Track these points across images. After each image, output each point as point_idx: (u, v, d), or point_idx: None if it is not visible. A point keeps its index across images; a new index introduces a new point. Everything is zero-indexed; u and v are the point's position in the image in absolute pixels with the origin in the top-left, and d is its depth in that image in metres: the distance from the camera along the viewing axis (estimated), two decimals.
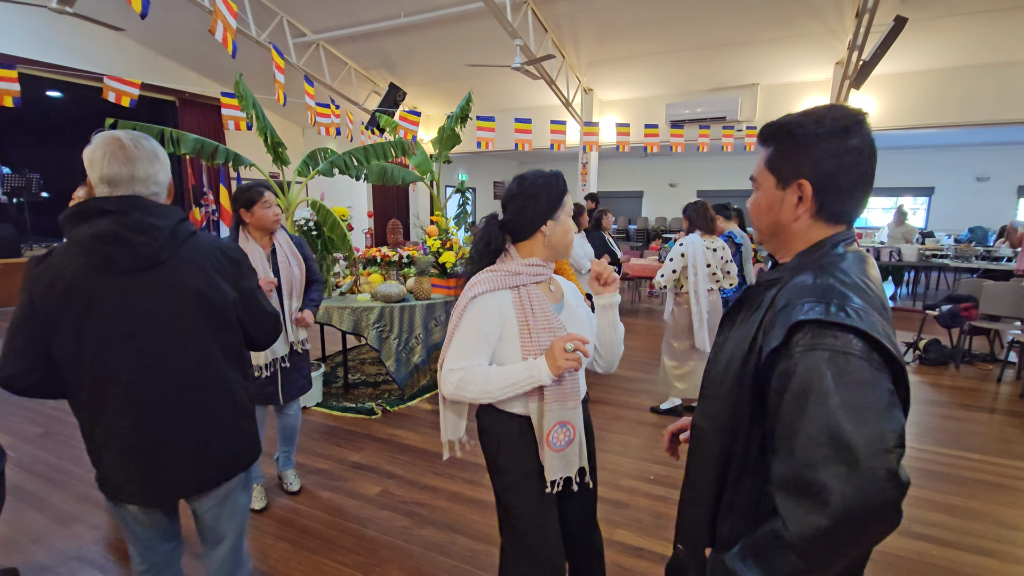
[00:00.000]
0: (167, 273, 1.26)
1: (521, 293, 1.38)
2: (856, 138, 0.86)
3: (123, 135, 1.25)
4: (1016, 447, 3.35)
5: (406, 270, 4.55)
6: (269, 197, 2.43)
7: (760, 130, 0.97)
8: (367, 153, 4.57)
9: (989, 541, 2.41)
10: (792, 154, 0.90)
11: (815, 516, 0.71)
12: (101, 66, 7.45)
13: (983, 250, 8.10)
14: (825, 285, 0.82)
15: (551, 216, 1.40)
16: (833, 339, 0.76)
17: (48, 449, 3.27)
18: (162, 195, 1.32)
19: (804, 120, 0.89)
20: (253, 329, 1.45)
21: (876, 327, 0.76)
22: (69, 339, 1.22)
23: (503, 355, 1.39)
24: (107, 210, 1.20)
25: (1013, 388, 4.46)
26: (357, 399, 4.10)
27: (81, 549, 2.33)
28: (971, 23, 5.82)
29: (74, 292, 1.20)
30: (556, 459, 1.40)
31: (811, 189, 0.89)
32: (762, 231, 0.99)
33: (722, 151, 7.89)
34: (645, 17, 6.38)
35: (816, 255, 0.90)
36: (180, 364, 1.29)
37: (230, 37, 4.86)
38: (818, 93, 7.30)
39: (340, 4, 6.86)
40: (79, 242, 1.20)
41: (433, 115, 9.96)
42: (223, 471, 1.42)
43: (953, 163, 12.00)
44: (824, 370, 0.74)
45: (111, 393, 1.25)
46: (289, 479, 2.83)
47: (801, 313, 0.79)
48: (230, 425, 1.41)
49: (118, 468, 1.30)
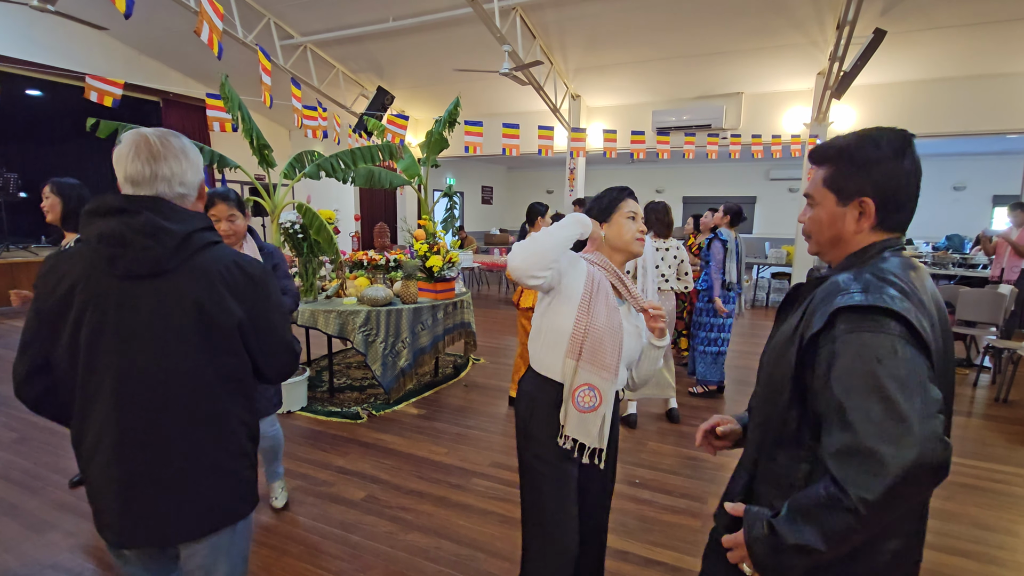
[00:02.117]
0: (172, 283, 1.14)
1: (595, 268, 1.56)
2: (909, 159, 0.97)
3: (151, 132, 1.17)
4: (992, 450, 3.43)
5: (393, 274, 4.54)
6: (218, 210, 2.19)
7: (814, 150, 1.06)
8: (354, 156, 4.56)
9: (966, 542, 2.46)
10: (853, 175, 0.99)
11: (879, 479, 0.77)
12: (83, 65, 7.34)
13: (959, 257, 8.29)
14: (863, 278, 0.91)
15: (605, 220, 1.62)
16: (873, 322, 0.84)
17: (23, 455, 3.19)
18: (190, 197, 1.22)
19: (863, 143, 0.98)
20: (261, 359, 1.26)
21: (911, 311, 0.84)
22: (65, 345, 1.14)
23: (555, 319, 1.52)
24: (119, 208, 1.12)
25: (989, 392, 4.57)
26: (342, 403, 4.07)
27: (56, 557, 2.28)
28: (947, 37, 5.98)
29: (75, 294, 1.12)
30: (577, 418, 1.47)
31: (873, 206, 0.98)
32: (822, 243, 1.07)
33: (707, 158, 7.99)
34: (632, 25, 6.45)
35: (862, 257, 0.99)
36: (168, 385, 1.15)
37: (216, 38, 4.82)
38: (801, 103, 7.44)
39: (328, 7, 6.84)
40: (87, 240, 1.12)
41: (421, 119, 9.96)
42: (209, 520, 1.22)
43: (930, 172, 12.20)
44: (868, 349, 0.83)
45: (96, 408, 1.14)
46: (274, 492, 2.70)
47: (841, 301, 0.88)
48: (221, 467, 1.21)
49: (97, 493, 1.18)
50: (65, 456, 3.16)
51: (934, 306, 0.94)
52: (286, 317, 1.35)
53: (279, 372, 1.33)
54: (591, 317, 1.47)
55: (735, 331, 6.42)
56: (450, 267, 4.26)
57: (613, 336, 1.48)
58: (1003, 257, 5.85)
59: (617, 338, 1.49)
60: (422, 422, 3.77)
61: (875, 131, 0.98)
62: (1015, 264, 5.74)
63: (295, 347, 1.35)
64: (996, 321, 4.91)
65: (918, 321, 0.84)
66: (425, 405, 4.10)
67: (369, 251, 4.80)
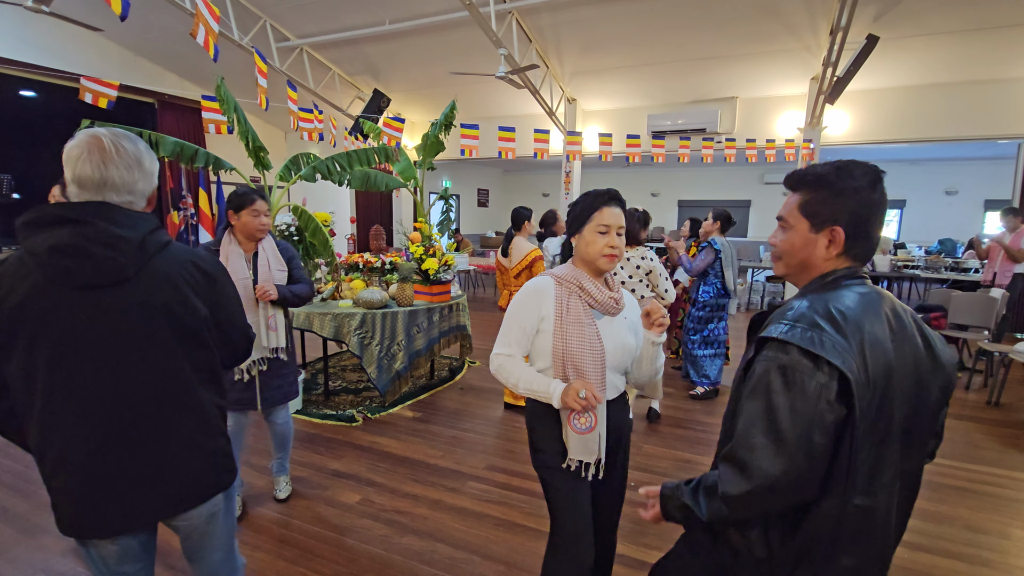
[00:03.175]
0: (135, 289, 1.14)
1: (562, 288, 1.54)
2: (878, 192, 1.02)
3: (106, 134, 1.14)
4: (984, 452, 3.46)
5: (388, 276, 4.53)
6: (260, 206, 2.42)
7: (790, 176, 1.11)
8: (350, 159, 4.56)
9: (958, 544, 2.47)
10: (827, 202, 1.03)
11: (741, 483, 0.94)
12: (78, 66, 7.30)
13: (952, 261, 8.36)
14: (805, 310, 0.97)
15: (576, 231, 1.55)
16: (787, 355, 0.93)
17: (13, 458, 3.17)
18: (137, 204, 1.20)
19: (839, 173, 1.02)
20: (220, 347, 1.35)
21: (828, 349, 0.91)
22: (19, 361, 1.10)
23: (540, 345, 1.54)
24: (68, 218, 1.08)
25: (981, 395, 4.60)
26: (338, 406, 4.05)
27: (49, 561, 2.26)
28: (939, 43, 6.04)
29: (26, 309, 1.08)
30: (578, 441, 1.50)
31: (843, 235, 1.02)
32: (791, 267, 1.12)
33: (702, 162, 8.02)
34: (628, 30, 6.49)
35: (822, 283, 1.05)
36: (148, 386, 1.18)
37: (212, 40, 4.81)
38: (795, 107, 7.49)
39: (324, 10, 6.84)
40: (35, 254, 1.08)
41: (417, 122, 9.96)
42: (198, 492, 1.32)
43: (923, 177, 12.39)
44: (775, 378, 0.93)
45: (62, 420, 1.13)
46: (279, 485, 2.79)
47: (768, 331, 0.98)
48: (203, 446, 1.30)
49: (71, 501, 1.18)
50: None
51: (888, 333, 0.98)
52: (240, 306, 1.43)
53: (235, 358, 1.43)
54: (565, 342, 1.48)
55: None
56: (446, 270, 4.27)
57: (593, 354, 1.47)
58: (995, 261, 5.90)
59: (597, 354, 1.48)
60: (417, 425, 3.77)
61: (850, 163, 1.03)
62: (1007, 269, 5.78)
63: (250, 334, 1.46)
64: (988, 325, 4.95)
65: (840, 359, 0.90)
66: (420, 408, 4.09)
67: (365, 254, 4.80)
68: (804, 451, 0.89)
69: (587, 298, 1.52)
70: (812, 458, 0.90)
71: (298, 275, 2.65)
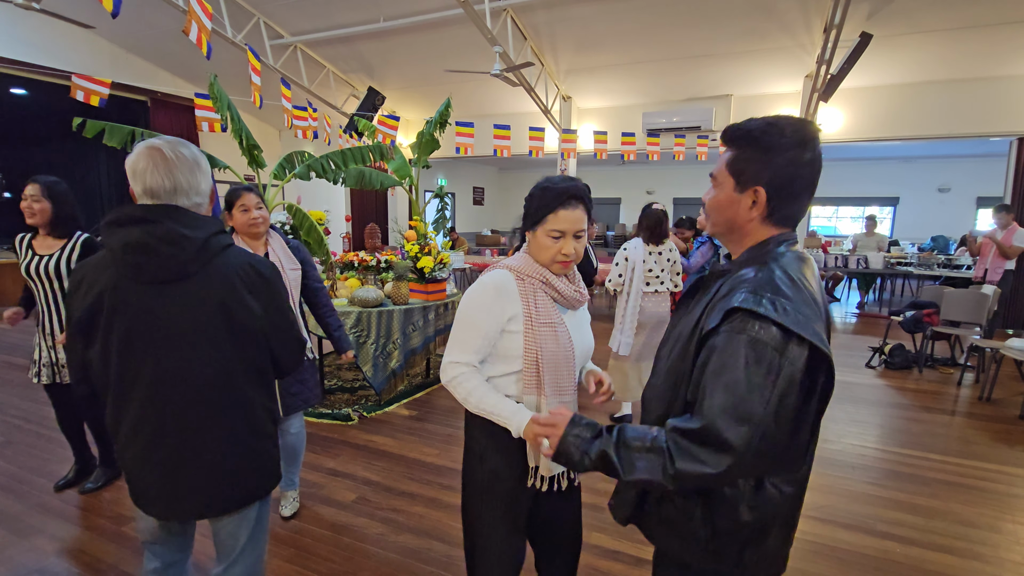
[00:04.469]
0: (195, 286, 1.24)
1: (526, 283, 1.37)
2: (810, 152, 0.96)
3: (164, 145, 1.24)
4: (975, 448, 3.49)
5: (384, 275, 4.53)
6: (247, 200, 2.30)
7: (724, 131, 1.04)
8: (345, 157, 4.54)
9: (949, 538, 2.50)
10: (753, 161, 0.98)
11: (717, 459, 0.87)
12: (69, 64, 7.24)
13: (944, 258, 8.42)
14: (764, 279, 0.92)
15: (529, 228, 1.39)
16: (755, 327, 0.87)
17: (8, 459, 3.15)
18: (204, 205, 1.31)
19: (769, 130, 0.96)
20: (277, 350, 1.39)
21: (800, 322, 0.87)
22: (99, 348, 1.23)
23: (506, 347, 1.36)
24: (140, 218, 1.20)
25: (972, 391, 4.64)
26: (333, 405, 4.05)
27: (43, 562, 2.25)
28: (932, 41, 6.08)
29: (104, 301, 1.21)
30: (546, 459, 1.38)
31: (765, 196, 0.98)
32: (717, 225, 1.08)
33: (697, 160, 8.04)
34: (622, 28, 6.49)
35: (762, 252, 1.00)
36: (200, 380, 1.26)
37: (205, 38, 4.78)
38: (789, 105, 7.51)
39: (318, 7, 6.81)
40: (112, 250, 1.21)
41: (412, 120, 9.94)
42: (240, 495, 1.37)
43: (916, 174, 12.46)
44: (742, 352, 0.87)
45: (132, 403, 1.25)
46: (285, 501, 2.63)
47: (736, 301, 0.90)
48: (250, 447, 1.36)
49: (136, 476, 1.31)
50: (51, 460, 3.12)
51: (821, 299, 0.99)
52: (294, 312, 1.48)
53: (293, 362, 1.46)
54: (540, 346, 1.33)
55: None
56: (441, 268, 4.26)
57: (567, 358, 1.38)
58: (987, 258, 5.95)
59: (570, 357, 1.38)
60: (413, 423, 3.77)
61: (784, 119, 0.98)
62: (999, 265, 5.84)
63: (303, 339, 1.48)
64: (980, 321, 4.99)
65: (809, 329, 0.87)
66: (416, 406, 4.09)
67: (360, 252, 4.79)
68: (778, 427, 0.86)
69: (552, 293, 1.38)
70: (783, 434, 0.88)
71: (313, 276, 2.57)
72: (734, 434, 0.85)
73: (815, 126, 0.98)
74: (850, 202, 13.67)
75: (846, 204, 13.88)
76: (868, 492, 2.90)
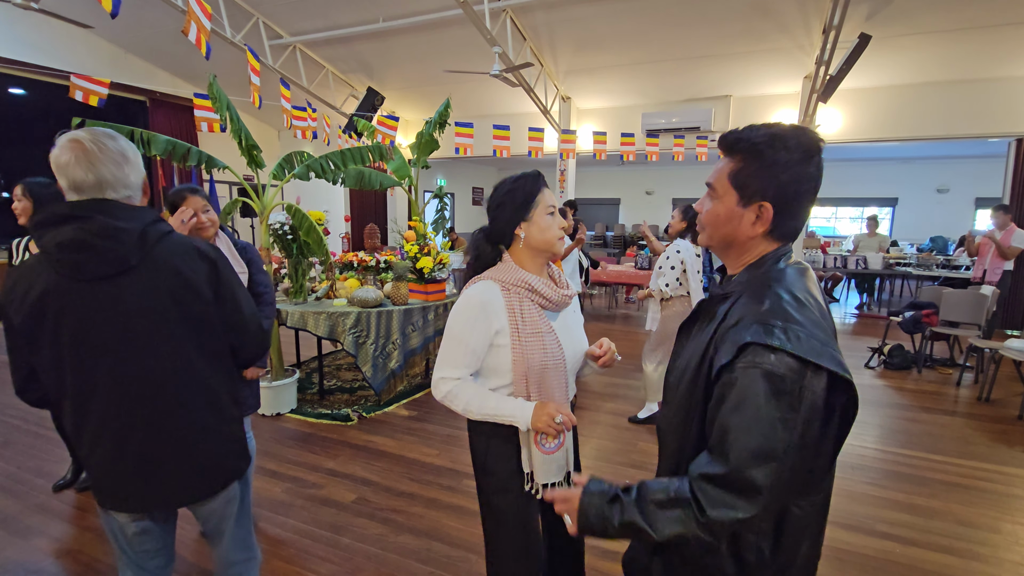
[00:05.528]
0: (139, 277, 1.20)
1: (511, 293, 1.37)
2: (814, 165, 0.93)
3: (85, 136, 1.18)
4: (974, 448, 3.49)
5: (383, 275, 4.52)
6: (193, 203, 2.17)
7: (723, 138, 0.99)
8: (344, 157, 4.53)
9: (949, 539, 2.50)
10: (757, 175, 0.94)
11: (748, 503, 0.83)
12: (68, 64, 7.23)
13: (943, 259, 8.43)
14: (771, 307, 0.88)
15: (523, 218, 1.38)
16: (771, 359, 0.83)
17: (6, 459, 3.14)
18: (136, 197, 1.25)
19: (774, 143, 0.92)
20: (233, 336, 1.37)
21: (815, 349, 0.83)
22: (47, 352, 1.19)
23: (494, 362, 1.38)
24: (68, 216, 1.15)
25: (971, 391, 4.64)
26: (332, 405, 4.05)
27: (40, 562, 2.24)
28: (931, 42, 6.09)
29: (46, 303, 1.16)
30: (545, 462, 1.38)
31: (772, 212, 0.94)
32: (715, 239, 1.03)
33: (696, 160, 8.05)
34: (622, 28, 6.49)
35: (761, 270, 0.96)
36: (159, 371, 1.24)
37: (204, 38, 4.78)
38: (788, 106, 7.52)
39: (318, 7, 6.80)
40: (47, 251, 1.16)
41: (412, 120, 9.93)
42: (214, 480, 1.37)
43: (915, 175, 12.48)
44: (759, 387, 0.83)
45: (92, 403, 1.22)
46: None
47: (748, 335, 0.86)
48: (217, 432, 1.35)
49: (105, 475, 1.28)
50: (49, 460, 3.11)
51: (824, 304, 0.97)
52: (247, 293, 1.43)
53: (253, 347, 1.42)
54: (527, 357, 1.34)
55: None
56: (441, 268, 4.26)
57: (556, 365, 1.36)
58: (986, 258, 5.96)
59: (560, 365, 1.37)
60: (413, 424, 3.77)
61: (787, 129, 0.94)
62: (997, 266, 5.85)
63: (262, 322, 1.45)
64: (978, 321, 4.99)
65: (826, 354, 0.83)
66: (416, 407, 4.09)
67: (359, 252, 4.79)
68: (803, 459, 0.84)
69: (539, 299, 1.38)
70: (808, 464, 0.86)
71: (259, 280, 2.45)
72: (761, 474, 0.82)
73: (818, 136, 0.95)
74: (849, 203, 13.70)
75: (845, 205, 13.90)
76: (868, 492, 2.90)
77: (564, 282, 1.49)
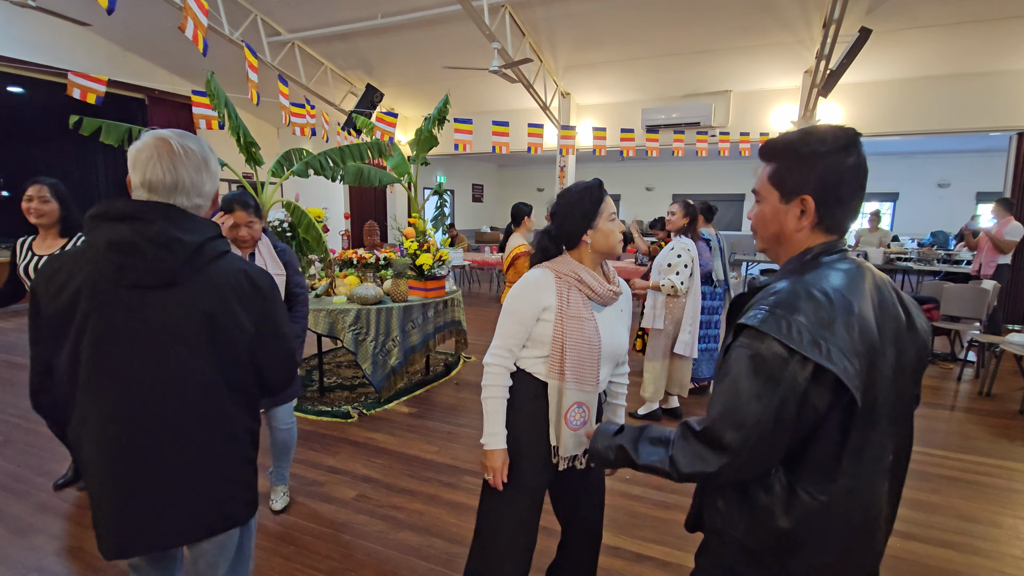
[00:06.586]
0: (181, 296, 1.12)
1: (563, 281, 1.53)
2: (854, 156, 0.96)
3: (173, 136, 1.14)
4: (975, 443, 3.49)
5: (383, 272, 4.52)
6: (238, 216, 2.21)
7: (762, 147, 1.05)
8: (343, 154, 4.53)
9: (950, 534, 2.50)
10: (796, 170, 0.99)
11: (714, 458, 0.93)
12: (65, 62, 7.21)
13: (944, 254, 8.41)
14: (784, 295, 0.93)
15: (590, 226, 1.52)
16: (759, 343, 0.90)
17: (7, 458, 3.14)
18: (205, 207, 1.21)
19: (808, 139, 0.97)
20: (266, 368, 1.27)
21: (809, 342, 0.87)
22: (68, 352, 1.11)
23: (540, 333, 1.53)
24: (130, 215, 1.08)
25: (972, 386, 4.64)
26: (332, 403, 4.04)
27: (41, 561, 2.24)
28: (932, 35, 6.06)
29: (79, 301, 1.09)
30: (572, 437, 1.51)
31: (813, 204, 0.97)
32: (765, 240, 1.08)
33: (696, 156, 8.03)
34: (621, 23, 6.47)
35: (800, 262, 1.00)
36: (179, 392, 1.14)
37: (201, 35, 4.76)
38: (788, 101, 7.50)
39: (316, 4, 6.78)
40: (95, 246, 1.09)
41: (411, 117, 9.91)
42: (212, 523, 1.23)
43: (916, 170, 12.45)
44: (744, 364, 0.92)
45: (96, 415, 1.12)
46: (276, 495, 2.64)
47: (745, 318, 0.94)
48: (226, 473, 1.22)
49: (97, 502, 1.15)
50: (49, 459, 3.11)
51: (872, 311, 0.94)
52: (290, 326, 1.37)
53: (281, 381, 1.33)
54: (565, 335, 1.48)
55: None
56: (440, 265, 4.25)
57: (591, 349, 1.49)
58: (983, 251, 5.95)
59: (595, 349, 1.49)
60: (413, 421, 3.77)
61: (823, 127, 0.98)
62: (992, 259, 5.84)
63: (296, 357, 1.41)
64: (980, 316, 4.99)
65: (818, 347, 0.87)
66: (416, 404, 4.09)
67: (359, 249, 4.78)
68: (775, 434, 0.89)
69: (586, 291, 1.52)
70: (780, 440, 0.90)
71: (296, 281, 2.50)
72: (730, 436, 0.91)
73: (853, 129, 0.97)
74: None
75: None
76: None
77: (616, 280, 1.61)
